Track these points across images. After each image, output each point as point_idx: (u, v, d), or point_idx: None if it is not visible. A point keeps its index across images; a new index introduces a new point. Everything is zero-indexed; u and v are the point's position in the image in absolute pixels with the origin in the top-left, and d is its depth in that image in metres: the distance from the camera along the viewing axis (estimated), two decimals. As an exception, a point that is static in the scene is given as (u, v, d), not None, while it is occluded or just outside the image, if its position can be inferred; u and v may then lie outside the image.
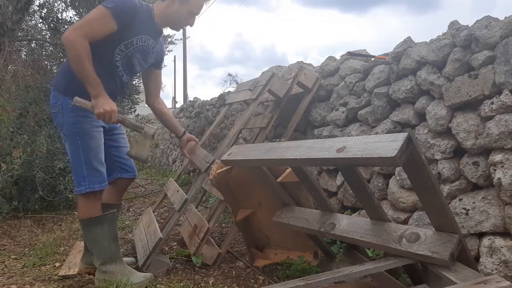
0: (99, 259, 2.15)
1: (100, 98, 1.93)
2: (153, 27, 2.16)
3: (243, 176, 2.35)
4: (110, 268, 2.12)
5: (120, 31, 1.99)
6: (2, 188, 3.65)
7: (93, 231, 2.13)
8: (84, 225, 2.16)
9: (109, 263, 2.14)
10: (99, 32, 1.94)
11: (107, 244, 2.14)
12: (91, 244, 2.19)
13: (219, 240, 3.02)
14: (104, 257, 2.15)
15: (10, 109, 4.51)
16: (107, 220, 2.15)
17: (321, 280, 1.45)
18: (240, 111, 4.56)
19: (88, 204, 2.11)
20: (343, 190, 2.84)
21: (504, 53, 1.84)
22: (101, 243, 2.14)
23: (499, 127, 1.82)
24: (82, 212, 2.14)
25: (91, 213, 2.12)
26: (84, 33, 1.89)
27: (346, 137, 1.59)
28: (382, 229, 1.66)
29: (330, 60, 3.29)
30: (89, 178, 2.08)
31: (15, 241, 3.09)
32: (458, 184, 2.06)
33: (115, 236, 2.20)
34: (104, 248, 2.14)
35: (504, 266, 1.78)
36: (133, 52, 2.11)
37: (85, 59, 1.88)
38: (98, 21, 1.94)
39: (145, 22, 2.09)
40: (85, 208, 2.12)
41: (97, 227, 2.12)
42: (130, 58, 2.12)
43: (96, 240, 2.14)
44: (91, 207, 2.11)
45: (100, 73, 1.95)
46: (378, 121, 2.63)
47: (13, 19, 3.74)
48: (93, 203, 2.12)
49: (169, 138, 8.01)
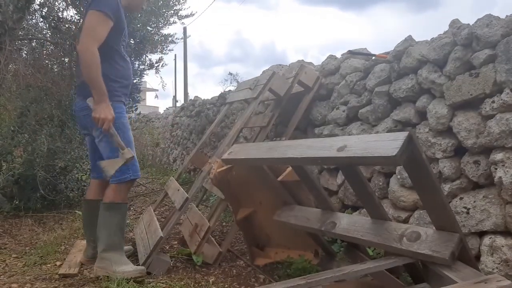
0: (103, 244, 2.28)
1: (102, 104, 2.16)
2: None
3: (243, 175, 2.35)
4: (109, 256, 2.25)
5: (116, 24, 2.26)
6: (3, 187, 3.66)
7: (110, 215, 2.30)
8: (105, 208, 2.31)
9: (110, 250, 2.27)
10: (104, 33, 2.19)
11: (113, 232, 2.29)
12: (101, 228, 2.31)
13: (220, 239, 3.02)
14: (107, 243, 2.28)
15: (11, 108, 4.51)
16: (123, 210, 2.35)
17: (322, 279, 1.45)
18: (240, 110, 4.55)
19: (124, 190, 2.34)
20: (344, 189, 2.84)
21: (505, 52, 1.84)
22: (110, 229, 2.29)
23: (500, 126, 1.82)
24: (112, 196, 2.31)
25: (121, 198, 2.32)
26: (93, 40, 2.15)
27: (347, 136, 1.59)
28: (383, 228, 1.66)
29: (331, 59, 3.29)
30: (132, 168, 2.32)
31: (16, 240, 3.10)
32: (459, 183, 2.06)
33: (122, 226, 2.37)
34: (111, 234, 2.28)
35: (505, 265, 1.78)
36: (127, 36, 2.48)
37: (98, 67, 2.14)
38: (99, 24, 2.18)
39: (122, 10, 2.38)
40: (118, 193, 2.31)
41: (115, 213, 2.30)
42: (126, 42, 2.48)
43: (107, 225, 2.29)
44: (124, 193, 2.34)
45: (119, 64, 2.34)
46: (379, 120, 2.63)
47: (14, 18, 3.74)
48: (127, 190, 2.38)
49: (170, 137, 8.02)
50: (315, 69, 3.45)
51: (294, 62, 3.93)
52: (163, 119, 9.10)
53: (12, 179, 3.69)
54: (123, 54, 2.41)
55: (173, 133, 7.82)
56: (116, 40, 2.33)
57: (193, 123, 6.37)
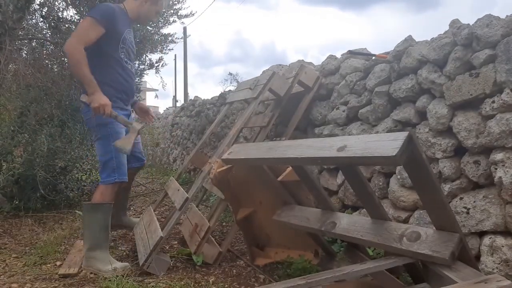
0: (88, 244, 2.39)
1: (96, 94, 2.32)
2: (129, 21, 2.67)
3: (243, 175, 2.35)
4: (95, 255, 2.35)
5: (112, 32, 2.43)
6: (3, 187, 3.65)
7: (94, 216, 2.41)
8: (89, 209, 2.43)
9: (96, 249, 2.36)
10: (91, 36, 2.36)
11: (97, 231, 2.39)
12: (86, 228, 2.43)
13: (220, 239, 3.02)
14: (91, 242, 2.38)
15: (11, 108, 4.51)
16: (107, 209, 2.45)
17: (322, 279, 1.45)
18: (240, 110, 4.55)
19: (110, 192, 2.47)
20: (344, 189, 2.84)
21: (505, 52, 1.84)
22: (95, 228, 2.40)
23: (500, 126, 1.82)
24: (97, 198, 2.45)
25: (107, 199, 2.45)
26: (79, 40, 2.32)
27: (347, 136, 1.59)
28: (383, 228, 1.66)
29: (331, 59, 3.29)
30: (118, 171, 2.48)
31: (16, 240, 3.10)
32: (459, 183, 2.06)
33: (107, 225, 2.44)
34: (95, 233, 2.39)
35: (505, 265, 1.78)
36: (128, 44, 2.58)
37: (83, 63, 2.29)
38: (88, 28, 2.37)
39: (123, 19, 2.57)
40: (103, 196, 2.45)
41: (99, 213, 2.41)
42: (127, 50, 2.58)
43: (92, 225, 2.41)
44: (109, 195, 2.46)
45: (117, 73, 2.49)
46: (379, 120, 2.63)
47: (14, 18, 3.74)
48: (112, 192, 2.49)
49: (170, 137, 8.02)
50: (315, 69, 3.44)
51: (294, 62, 3.93)
52: (163, 119, 9.11)
53: (12, 179, 3.69)
54: (122, 61, 2.55)
55: (173, 133, 7.82)
56: (114, 48, 2.49)
57: (193, 123, 6.37)
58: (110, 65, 2.49)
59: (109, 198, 2.46)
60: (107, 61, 2.48)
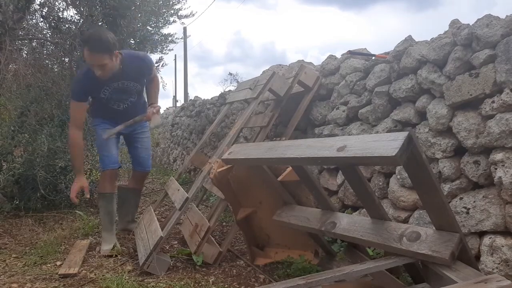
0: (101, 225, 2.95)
1: (77, 177, 2.78)
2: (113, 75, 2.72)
3: (243, 175, 2.36)
4: (103, 235, 2.88)
5: (91, 93, 2.81)
6: (4, 187, 3.65)
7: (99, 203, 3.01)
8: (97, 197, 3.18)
9: (103, 230, 2.88)
10: (79, 116, 2.78)
11: (103, 215, 2.90)
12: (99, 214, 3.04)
13: (220, 239, 3.02)
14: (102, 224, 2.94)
15: (11, 108, 4.50)
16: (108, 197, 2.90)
17: (322, 279, 1.45)
18: (240, 110, 4.55)
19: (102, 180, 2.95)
20: (344, 189, 2.84)
21: (505, 52, 1.84)
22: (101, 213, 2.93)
23: (500, 126, 1.82)
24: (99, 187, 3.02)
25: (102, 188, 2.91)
26: (72, 125, 2.77)
27: (347, 136, 1.59)
28: (383, 228, 1.66)
29: (331, 59, 3.29)
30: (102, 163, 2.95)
31: (16, 239, 3.10)
32: (459, 183, 2.06)
33: (109, 211, 2.89)
34: (102, 217, 2.91)
35: (505, 265, 1.78)
36: (110, 95, 2.81)
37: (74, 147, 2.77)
38: (74, 112, 2.77)
39: (96, 80, 2.65)
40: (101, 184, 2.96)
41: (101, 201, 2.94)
42: (111, 98, 2.84)
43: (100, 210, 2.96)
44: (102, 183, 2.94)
45: (104, 109, 2.91)
46: (378, 120, 2.63)
47: (14, 18, 3.74)
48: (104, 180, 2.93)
49: (170, 137, 8.02)
50: (315, 69, 3.45)
51: (294, 62, 3.93)
52: (163, 119, 9.10)
53: (12, 179, 3.69)
54: (107, 103, 2.86)
55: (173, 133, 7.82)
56: (96, 94, 2.81)
57: (193, 123, 6.37)
58: (100, 103, 2.89)
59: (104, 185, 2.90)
60: (97, 101, 2.92)
